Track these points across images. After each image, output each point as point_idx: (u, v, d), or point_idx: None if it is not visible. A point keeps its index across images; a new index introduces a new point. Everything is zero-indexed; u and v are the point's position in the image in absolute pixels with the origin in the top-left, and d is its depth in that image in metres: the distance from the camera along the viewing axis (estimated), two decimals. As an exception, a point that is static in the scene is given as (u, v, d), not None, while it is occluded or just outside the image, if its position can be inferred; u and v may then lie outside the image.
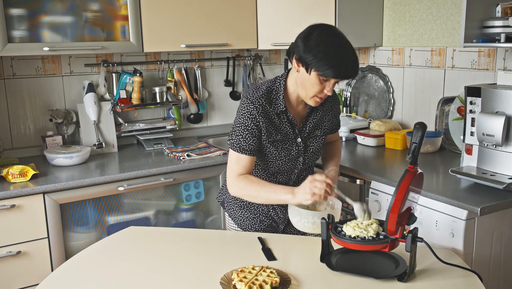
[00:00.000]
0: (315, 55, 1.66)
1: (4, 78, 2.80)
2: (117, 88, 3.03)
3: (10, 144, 2.86)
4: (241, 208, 1.98)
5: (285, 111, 1.82)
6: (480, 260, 1.99)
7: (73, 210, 2.48)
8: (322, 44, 1.67)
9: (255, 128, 1.79)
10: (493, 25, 2.21)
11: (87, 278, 1.52)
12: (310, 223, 1.69)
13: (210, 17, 2.93)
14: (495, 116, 2.06)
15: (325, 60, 1.65)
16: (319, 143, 1.92)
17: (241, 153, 1.80)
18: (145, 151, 2.99)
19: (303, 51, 1.69)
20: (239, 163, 1.81)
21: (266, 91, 1.81)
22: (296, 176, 1.93)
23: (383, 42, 3.14)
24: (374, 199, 2.32)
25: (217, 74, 3.47)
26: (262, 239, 1.75)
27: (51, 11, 2.52)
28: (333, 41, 1.68)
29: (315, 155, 1.93)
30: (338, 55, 1.67)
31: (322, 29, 1.72)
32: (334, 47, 1.67)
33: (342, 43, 1.70)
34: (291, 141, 1.86)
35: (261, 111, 1.78)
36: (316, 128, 1.91)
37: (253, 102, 1.78)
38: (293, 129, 1.85)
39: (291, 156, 1.86)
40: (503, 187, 1.99)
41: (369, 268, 1.52)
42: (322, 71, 1.67)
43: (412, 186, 1.44)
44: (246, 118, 1.78)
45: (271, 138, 1.82)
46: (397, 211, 1.40)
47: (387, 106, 3.15)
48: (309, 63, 1.68)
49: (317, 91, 1.73)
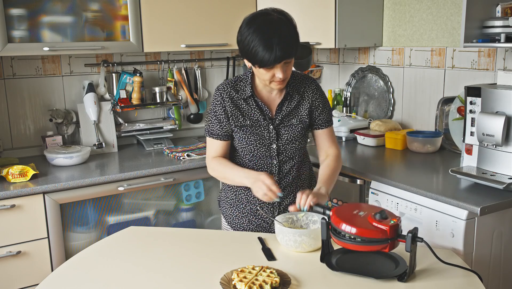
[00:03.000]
0: (246, 49, 1.72)
1: (4, 78, 2.80)
2: (117, 88, 3.03)
3: (10, 144, 2.86)
4: (231, 206, 1.99)
5: (252, 96, 1.87)
6: (480, 260, 1.99)
7: (73, 210, 2.48)
8: (248, 36, 1.70)
9: (222, 114, 1.88)
10: (493, 25, 2.21)
11: (87, 278, 1.52)
12: (291, 241, 1.64)
13: (210, 17, 2.93)
14: (495, 116, 2.06)
15: (254, 51, 1.69)
16: (295, 132, 1.91)
17: (210, 136, 1.93)
18: (145, 151, 2.99)
19: (239, 47, 1.77)
20: (211, 146, 1.94)
21: (233, 80, 1.91)
22: (277, 169, 1.91)
23: (383, 42, 3.14)
24: (374, 199, 2.32)
25: (217, 74, 3.47)
26: (262, 239, 1.75)
27: (51, 11, 2.52)
28: (258, 29, 1.69)
29: (291, 144, 1.91)
30: (263, 42, 1.67)
31: (247, 20, 1.74)
32: (259, 35, 1.68)
33: (268, 26, 1.69)
34: (263, 128, 1.88)
35: (225, 96, 1.87)
36: (292, 116, 1.91)
37: (218, 89, 1.90)
38: (264, 116, 1.88)
39: (263, 141, 1.88)
40: (503, 187, 1.99)
41: (369, 268, 1.52)
42: (258, 62, 1.71)
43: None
44: (213, 105, 1.90)
45: (238, 123, 1.88)
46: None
47: (387, 106, 3.15)
48: (246, 58, 1.76)
49: (269, 78, 1.77)
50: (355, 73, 3.35)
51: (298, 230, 1.65)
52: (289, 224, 1.75)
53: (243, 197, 1.96)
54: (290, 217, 1.76)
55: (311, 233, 1.63)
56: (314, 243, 1.64)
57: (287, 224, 1.74)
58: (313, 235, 1.63)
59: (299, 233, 1.62)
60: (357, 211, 1.52)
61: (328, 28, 2.92)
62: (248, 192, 1.93)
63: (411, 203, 2.14)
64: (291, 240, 1.64)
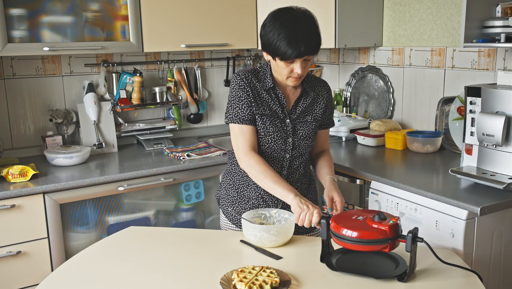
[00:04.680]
0: (270, 41, 1.73)
1: (4, 78, 2.80)
2: (117, 88, 3.03)
3: (10, 144, 2.86)
4: (233, 204, 1.99)
5: (274, 87, 1.87)
6: (480, 260, 1.99)
7: (73, 210, 2.48)
8: (274, 29, 1.72)
9: (247, 98, 1.85)
10: (493, 25, 2.21)
11: (87, 278, 1.52)
12: (252, 236, 1.67)
13: (210, 17, 2.93)
14: (495, 116, 2.06)
15: (279, 44, 1.71)
16: (310, 129, 1.93)
17: (242, 123, 1.85)
18: (145, 151, 2.99)
19: (262, 40, 1.78)
20: (243, 135, 1.84)
21: (253, 70, 1.90)
22: (288, 163, 1.93)
23: (383, 42, 3.14)
24: (374, 199, 2.32)
25: (217, 74, 3.47)
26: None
27: (51, 11, 2.52)
28: (284, 23, 1.72)
29: (305, 141, 1.93)
30: (290, 36, 1.70)
31: (274, 14, 1.77)
32: (286, 29, 1.71)
33: (295, 22, 1.72)
34: (280, 120, 1.88)
35: (248, 83, 1.85)
36: (307, 114, 1.93)
37: (239, 75, 1.87)
38: (282, 108, 1.88)
39: (280, 134, 1.88)
40: (503, 187, 1.99)
41: (369, 268, 1.52)
42: (280, 55, 1.73)
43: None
44: (236, 90, 1.86)
45: (259, 111, 1.86)
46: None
47: (387, 106, 3.15)
48: (269, 50, 1.76)
49: (287, 73, 1.79)
50: (355, 73, 3.35)
51: (257, 225, 1.68)
52: (261, 220, 1.78)
53: (245, 193, 1.96)
54: (263, 213, 1.80)
55: (270, 229, 1.65)
56: (275, 239, 1.66)
57: (258, 220, 1.78)
58: (272, 231, 1.65)
59: (259, 229, 1.66)
60: (356, 216, 1.54)
61: (328, 28, 2.92)
62: (250, 188, 1.94)
63: (411, 203, 2.14)
64: (251, 235, 1.68)
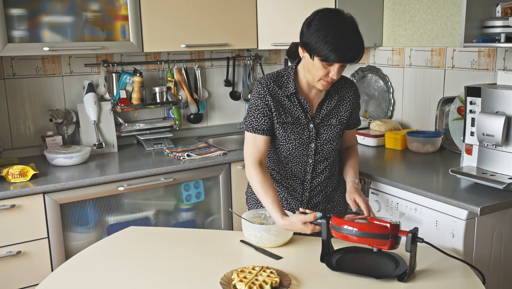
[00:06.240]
0: (315, 40, 1.69)
1: (4, 78, 2.80)
2: (117, 88, 3.03)
3: (10, 144, 2.86)
4: (258, 202, 2.00)
5: (295, 93, 1.85)
6: (480, 260, 1.99)
7: (73, 210, 2.48)
8: (322, 29, 1.68)
9: (265, 108, 1.84)
10: (493, 25, 2.21)
11: (87, 278, 1.52)
12: (252, 236, 1.68)
13: (210, 17, 2.93)
14: (495, 116, 2.06)
15: (324, 45, 1.67)
16: (334, 132, 1.92)
17: (255, 132, 1.85)
18: (145, 151, 2.99)
19: (305, 36, 1.73)
20: (254, 144, 1.85)
21: (276, 75, 1.88)
22: (311, 168, 1.93)
23: (383, 42, 3.14)
24: (374, 199, 2.32)
25: (217, 74, 3.47)
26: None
27: (51, 11, 2.52)
28: (334, 25, 1.69)
29: (329, 144, 1.92)
30: (338, 40, 1.67)
31: (324, 14, 1.74)
32: (335, 32, 1.67)
33: (344, 26, 1.70)
34: (303, 126, 1.87)
35: (269, 91, 1.84)
36: (332, 116, 1.91)
37: (261, 83, 1.86)
38: (305, 114, 1.87)
39: (302, 140, 1.87)
40: (503, 187, 1.98)
41: (369, 268, 1.52)
42: (323, 56, 1.69)
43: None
44: (256, 98, 1.86)
45: (281, 120, 1.85)
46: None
47: (387, 106, 3.15)
48: (310, 48, 1.71)
49: (322, 75, 1.75)
50: (355, 73, 3.34)
51: (257, 225, 1.69)
52: (261, 220, 1.79)
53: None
54: (263, 213, 1.81)
55: (270, 229, 1.66)
56: (275, 239, 1.67)
57: (258, 220, 1.79)
58: (272, 231, 1.66)
59: (259, 229, 1.66)
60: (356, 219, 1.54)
61: (328, 28, 2.92)
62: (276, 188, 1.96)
63: (411, 203, 2.14)
64: (251, 235, 1.68)
